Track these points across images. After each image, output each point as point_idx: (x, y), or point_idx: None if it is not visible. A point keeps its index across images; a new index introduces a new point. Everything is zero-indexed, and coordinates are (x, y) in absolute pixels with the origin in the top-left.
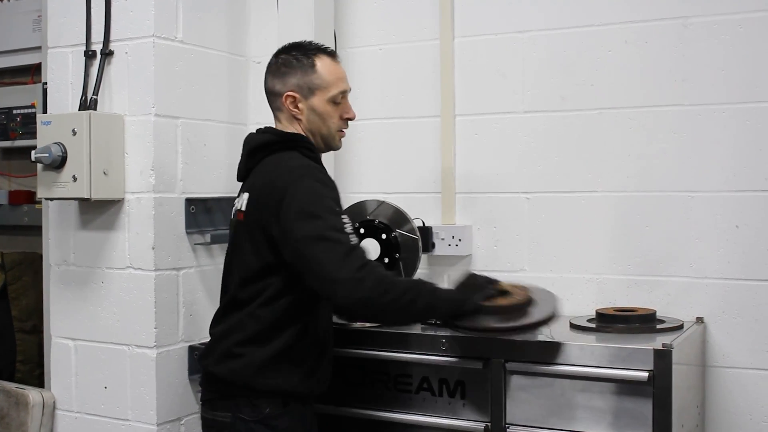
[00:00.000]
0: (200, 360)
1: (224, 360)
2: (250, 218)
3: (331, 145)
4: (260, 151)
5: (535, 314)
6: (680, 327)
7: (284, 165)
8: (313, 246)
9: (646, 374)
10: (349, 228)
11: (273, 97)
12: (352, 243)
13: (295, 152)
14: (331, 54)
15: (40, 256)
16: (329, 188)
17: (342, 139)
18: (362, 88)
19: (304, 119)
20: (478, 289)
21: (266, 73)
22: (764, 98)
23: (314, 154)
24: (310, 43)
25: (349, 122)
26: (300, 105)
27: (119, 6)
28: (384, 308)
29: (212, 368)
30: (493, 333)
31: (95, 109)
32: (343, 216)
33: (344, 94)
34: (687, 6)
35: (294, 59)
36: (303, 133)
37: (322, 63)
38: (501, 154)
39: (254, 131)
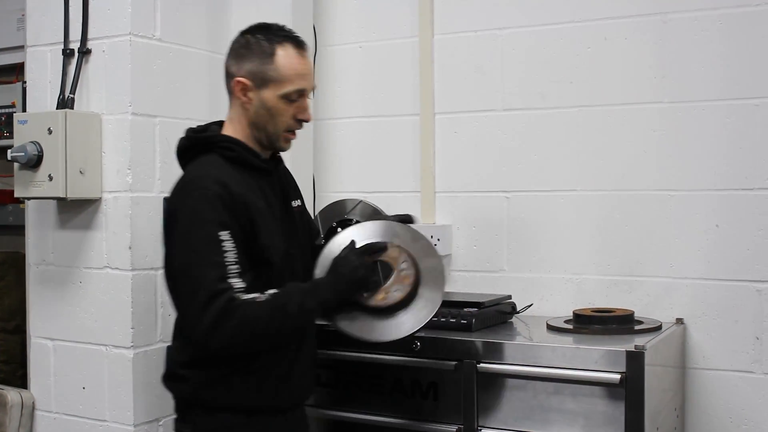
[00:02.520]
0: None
1: (173, 380)
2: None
3: (275, 145)
4: (183, 158)
5: (406, 322)
6: (658, 328)
7: (181, 178)
8: (181, 280)
9: (618, 376)
10: (231, 256)
11: (226, 78)
12: (219, 286)
13: (211, 155)
14: (299, 45)
15: (23, 256)
16: (215, 208)
17: (290, 141)
18: (342, 86)
19: (252, 110)
20: (358, 281)
21: (228, 50)
22: (745, 95)
23: (235, 153)
24: (282, 28)
25: (333, 121)
26: (250, 94)
27: (97, 4)
28: (253, 343)
29: (166, 385)
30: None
31: (72, 107)
32: (223, 243)
33: (302, 92)
34: (666, 2)
35: (255, 43)
36: (242, 124)
37: (284, 53)
38: (481, 153)
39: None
